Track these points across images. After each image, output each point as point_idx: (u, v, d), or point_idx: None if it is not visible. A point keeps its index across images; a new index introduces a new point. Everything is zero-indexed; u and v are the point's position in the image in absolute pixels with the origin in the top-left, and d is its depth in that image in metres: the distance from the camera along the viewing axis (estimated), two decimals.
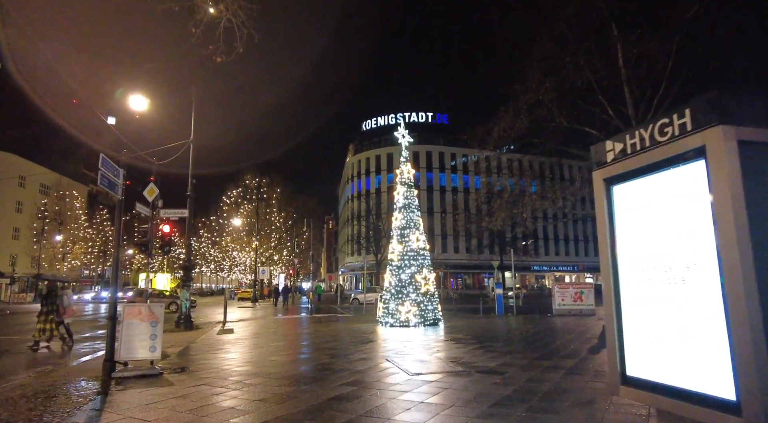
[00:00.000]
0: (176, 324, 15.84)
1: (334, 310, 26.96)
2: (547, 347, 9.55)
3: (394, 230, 15.47)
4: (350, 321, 17.96)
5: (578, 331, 12.63)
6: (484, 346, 9.85)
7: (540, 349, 9.23)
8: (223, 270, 78.51)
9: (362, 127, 71.29)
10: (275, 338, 12.30)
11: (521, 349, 9.38)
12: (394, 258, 15.12)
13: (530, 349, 9.25)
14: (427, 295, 14.85)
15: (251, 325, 16.76)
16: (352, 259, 69.39)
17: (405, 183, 15.79)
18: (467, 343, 10.40)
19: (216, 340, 12.16)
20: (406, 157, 16.12)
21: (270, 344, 10.91)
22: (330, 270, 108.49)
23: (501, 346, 9.80)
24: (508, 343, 10.30)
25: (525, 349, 9.26)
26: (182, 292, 16.43)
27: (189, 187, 17.06)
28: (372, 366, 7.60)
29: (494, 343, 10.22)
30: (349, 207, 70.25)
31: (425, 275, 14.96)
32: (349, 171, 73.86)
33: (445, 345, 10.14)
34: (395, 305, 14.52)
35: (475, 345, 9.99)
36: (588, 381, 6.22)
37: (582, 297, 21.14)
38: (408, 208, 15.47)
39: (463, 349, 9.34)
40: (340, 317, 20.45)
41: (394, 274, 14.88)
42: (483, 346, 9.74)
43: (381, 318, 15.34)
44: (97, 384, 6.58)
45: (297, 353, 9.39)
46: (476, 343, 10.25)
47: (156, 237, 11.80)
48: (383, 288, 15.64)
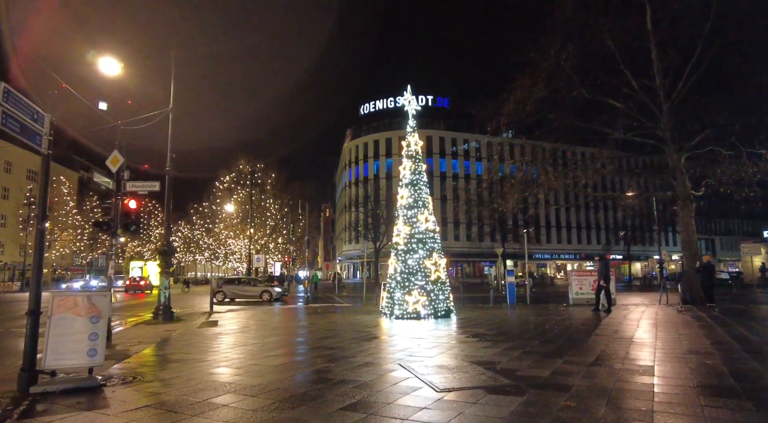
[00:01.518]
0: (154, 315, 14.06)
1: (332, 299, 25.20)
2: (597, 347, 7.76)
3: (399, 210, 13.61)
4: (349, 312, 16.18)
5: (616, 323, 10.87)
6: (517, 344, 8.05)
7: (590, 351, 7.45)
8: (218, 258, 76.70)
9: (360, 111, 69.08)
10: (263, 334, 10.49)
11: (566, 348, 7.58)
12: (399, 241, 13.28)
13: (578, 350, 7.46)
14: (438, 283, 13.04)
15: (240, 317, 14.97)
16: (350, 247, 67.63)
17: (412, 156, 13.90)
18: (494, 340, 8.60)
19: (194, 335, 10.35)
20: (413, 127, 14.21)
21: (256, 342, 9.10)
22: (327, 258, 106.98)
23: (538, 345, 8.00)
24: (544, 340, 8.50)
25: (571, 349, 7.46)
26: (161, 279, 14.60)
27: (168, 162, 15.15)
28: (382, 375, 5.79)
29: (528, 341, 8.43)
30: (347, 194, 68.33)
31: (435, 260, 13.14)
32: (346, 157, 71.80)
33: (468, 343, 8.35)
34: (401, 295, 12.71)
35: (506, 343, 8.20)
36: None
37: None
38: (416, 185, 13.59)
39: (493, 350, 7.54)
40: (338, 307, 18.68)
41: (400, 260, 13.05)
42: (516, 345, 7.95)
43: (385, 309, 13.54)
44: (4, 404, 4.75)
45: (287, 354, 7.57)
46: (505, 341, 8.46)
47: (122, 214, 9.91)
48: (387, 275, 13.82)
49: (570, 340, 8.42)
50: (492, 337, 9.07)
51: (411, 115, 14.32)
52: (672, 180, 19.39)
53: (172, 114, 15.18)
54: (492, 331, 10.13)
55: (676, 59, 17.95)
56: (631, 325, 10.67)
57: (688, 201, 19.08)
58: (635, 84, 19.11)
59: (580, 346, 7.82)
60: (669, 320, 11.67)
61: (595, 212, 79.75)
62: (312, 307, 19.22)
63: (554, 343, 8.16)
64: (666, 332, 9.41)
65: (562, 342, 8.25)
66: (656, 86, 18.99)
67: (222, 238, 60.48)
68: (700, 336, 8.87)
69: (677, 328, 10.00)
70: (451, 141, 67.23)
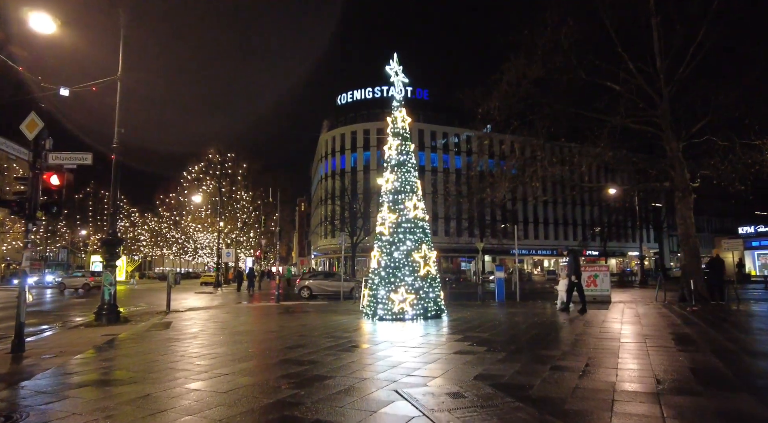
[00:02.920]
0: (97, 316, 11.98)
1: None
2: (639, 359, 6.21)
3: (384, 195, 11.87)
4: (325, 312, 14.37)
5: (638, 324, 9.43)
6: (537, 357, 6.44)
7: (634, 362, 5.88)
8: (186, 253, 73.58)
9: (337, 101, 66.83)
10: (220, 340, 8.62)
11: (598, 364, 5.98)
12: (384, 231, 11.55)
13: (610, 363, 5.88)
14: (428, 279, 11.37)
15: (200, 317, 13.00)
16: (326, 242, 65.56)
17: (398, 134, 12.15)
18: (505, 350, 6.98)
19: (135, 343, 8.40)
20: (400, 101, 12.46)
21: (207, 352, 7.24)
22: (302, 254, 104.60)
23: (561, 357, 6.40)
24: (568, 351, 6.91)
25: (601, 367, 5.88)
26: (105, 275, 12.50)
27: (115, 138, 13.03)
28: (374, 411, 4.04)
29: (547, 351, 6.83)
30: (323, 186, 66.15)
31: (425, 253, 11.46)
32: (322, 148, 69.52)
33: (476, 355, 6.68)
34: (386, 292, 10.99)
35: (521, 355, 6.59)
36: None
37: (596, 281, 18.09)
38: (403, 167, 11.87)
39: (511, 365, 5.90)
40: (312, 306, 16.85)
41: (385, 252, 11.32)
42: (536, 358, 6.34)
43: (366, 309, 11.80)
44: None
45: (243, 373, 5.75)
46: (519, 351, 6.86)
47: (42, 192, 7.87)
48: (369, 270, 12.07)
49: (597, 350, 6.85)
50: (501, 345, 7.43)
51: (398, 88, 12.57)
52: (670, 170, 18.24)
53: (121, 83, 13.05)
54: (497, 336, 8.51)
55: (679, 39, 16.70)
56: (658, 330, 9.22)
57: (687, 192, 17.96)
58: (633, 67, 17.84)
59: (611, 357, 6.25)
60: (705, 322, 10.29)
61: (572, 208, 79.82)
62: (284, 305, 17.33)
63: (581, 354, 6.57)
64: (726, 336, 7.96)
65: (590, 353, 6.67)
66: (656, 70, 17.78)
67: (191, 231, 57.69)
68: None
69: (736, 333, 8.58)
70: (431, 134, 65.75)
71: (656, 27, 17.46)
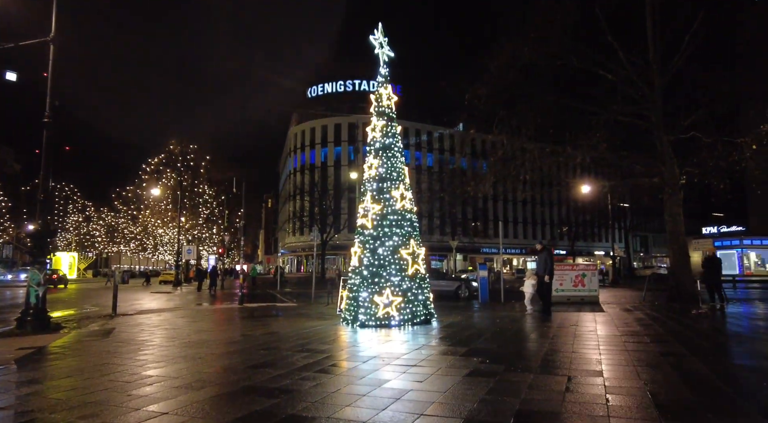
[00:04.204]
0: (19, 323, 9.99)
1: (273, 297, 21.55)
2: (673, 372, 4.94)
3: (367, 183, 10.34)
4: (296, 316, 12.72)
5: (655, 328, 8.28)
6: (579, 381, 5.07)
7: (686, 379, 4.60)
8: (146, 250, 69.83)
9: (307, 94, 64.77)
10: (167, 355, 6.91)
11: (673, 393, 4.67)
12: (367, 223, 10.02)
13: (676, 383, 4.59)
14: (417, 280, 9.93)
15: (151, 322, 11.14)
16: (294, 239, 63.44)
17: (384, 114, 10.65)
18: (530, 370, 5.59)
19: (57, 358, 6.58)
20: (386, 76, 10.95)
21: (145, 374, 5.57)
22: (269, 252, 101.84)
23: (608, 379, 5.05)
24: (608, 369, 5.59)
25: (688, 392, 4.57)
26: (31, 273, 10.48)
27: (47, 110, 11.00)
28: None
29: (587, 374, 5.48)
30: (292, 181, 63.92)
31: (413, 249, 10.02)
32: (291, 142, 67.25)
33: (495, 377, 5.26)
34: (369, 294, 9.48)
35: (555, 376, 5.20)
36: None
37: (584, 281, 17.16)
38: (389, 150, 10.37)
39: (550, 392, 4.50)
40: (280, 309, 15.15)
41: (368, 248, 9.80)
42: (578, 381, 4.97)
43: (345, 313, 10.23)
44: None
45: (184, 414, 4.13)
46: (548, 371, 5.48)
47: None
48: (349, 269, 10.52)
49: (646, 364, 5.56)
50: (520, 361, 6.05)
51: (382, 61, 11.05)
52: (660, 165, 17.48)
53: (53, 45, 11.02)
54: (507, 348, 7.13)
55: (679, 23, 15.88)
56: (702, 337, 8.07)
57: (677, 188, 17.26)
58: (624, 58, 16.96)
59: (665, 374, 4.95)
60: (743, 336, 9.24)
61: (541, 207, 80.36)
62: (248, 308, 15.56)
63: (633, 378, 5.25)
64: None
65: (636, 369, 5.37)
66: (648, 61, 16.96)
67: (150, 226, 54.45)
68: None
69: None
70: (403, 131, 64.57)
71: (650, 14, 16.64)
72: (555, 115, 17.15)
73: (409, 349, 7.03)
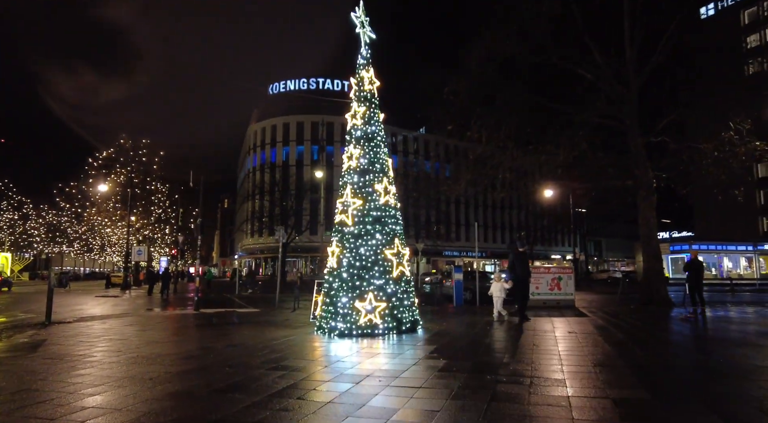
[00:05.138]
0: None
1: (231, 301, 20.01)
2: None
3: (347, 175, 9.27)
4: (260, 323, 11.45)
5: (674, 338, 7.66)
6: (617, 402, 4.23)
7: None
8: (91, 250, 65.46)
9: (269, 90, 62.69)
10: (109, 375, 5.61)
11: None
12: (347, 220, 8.95)
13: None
14: (402, 283, 8.94)
15: (92, 331, 9.61)
16: (252, 240, 61.11)
17: (365, 99, 9.63)
18: (559, 384, 4.71)
19: None
20: (367, 58, 9.94)
21: (78, 405, 4.31)
22: (224, 254, 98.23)
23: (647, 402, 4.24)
24: (642, 382, 4.79)
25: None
26: None
27: None
28: None
29: (620, 386, 4.66)
30: (251, 180, 61.53)
31: (398, 249, 9.04)
32: (251, 140, 64.86)
33: (518, 403, 4.34)
34: (349, 299, 8.41)
35: (589, 388, 4.34)
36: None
37: (560, 284, 16.78)
38: (371, 140, 9.36)
39: (596, 413, 3.62)
40: (242, 316, 13.79)
41: (348, 247, 8.72)
42: (614, 404, 4.13)
43: (321, 320, 9.09)
44: None
45: None
46: (585, 386, 4.62)
47: None
48: (325, 271, 9.39)
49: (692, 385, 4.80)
50: (541, 381, 5.17)
51: (363, 42, 10.04)
52: (634, 168, 17.34)
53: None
54: (522, 363, 6.25)
55: (659, 23, 15.74)
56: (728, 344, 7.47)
57: (651, 191, 17.17)
58: (600, 59, 16.73)
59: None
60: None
61: (500, 211, 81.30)
62: (205, 314, 14.10)
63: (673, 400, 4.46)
64: None
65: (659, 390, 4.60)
66: (625, 61, 16.79)
67: (96, 226, 50.86)
68: None
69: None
70: None
71: (628, 14, 16.47)
72: (533, 114, 16.65)
73: (404, 365, 6.03)
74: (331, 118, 57.32)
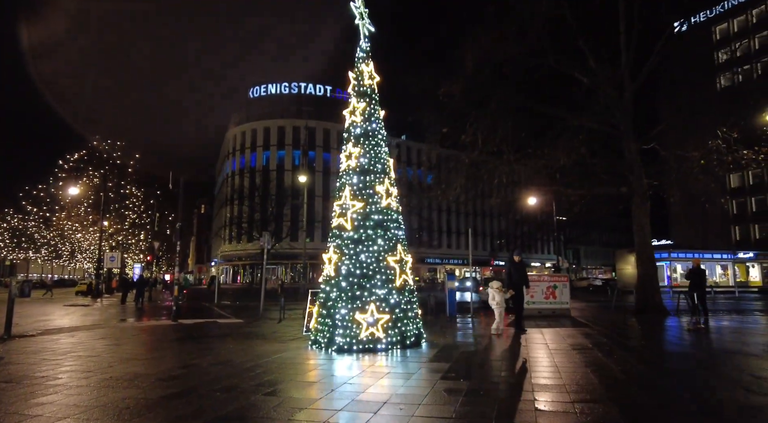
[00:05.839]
0: None
1: (210, 311, 18.95)
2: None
3: (345, 176, 8.56)
4: (248, 336, 10.55)
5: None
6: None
7: None
8: (61, 257, 62.73)
9: (249, 94, 61.48)
10: (74, 404, 4.74)
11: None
12: (345, 224, 8.21)
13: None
14: (405, 293, 8.23)
15: (58, 346, 8.58)
16: (230, 247, 59.52)
17: (365, 94, 8.95)
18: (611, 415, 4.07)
19: None
20: (367, 52, 9.28)
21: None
22: (200, 261, 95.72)
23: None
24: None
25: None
26: None
27: None
28: None
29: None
30: (230, 184, 60.06)
31: (401, 256, 8.34)
32: (230, 144, 63.42)
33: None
34: (348, 311, 7.65)
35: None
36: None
37: (555, 293, 16.31)
38: (372, 138, 8.67)
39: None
40: (225, 327, 12.83)
41: (347, 254, 7.98)
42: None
43: (317, 334, 8.28)
44: None
45: None
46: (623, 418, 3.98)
47: None
48: (321, 279, 8.60)
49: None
50: (588, 407, 4.52)
51: (363, 34, 9.37)
52: (628, 174, 17.08)
53: None
54: (570, 383, 5.59)
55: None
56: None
57: (645, 198, 16.92)
58: (594, 64, 16.46)
59: None
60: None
61: (482, 219, 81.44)
62: (184, 325, 13.10)
63: None
64: None
65: None
66: (620, 65, 16.56)
67: (66, 231, 48.61)
68: None
69: None
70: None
71: (623, 17, 16.26)
72: (529, 117, 16.25)
73: (422, 389, 5.31)
74: (313, 123, 56.48)
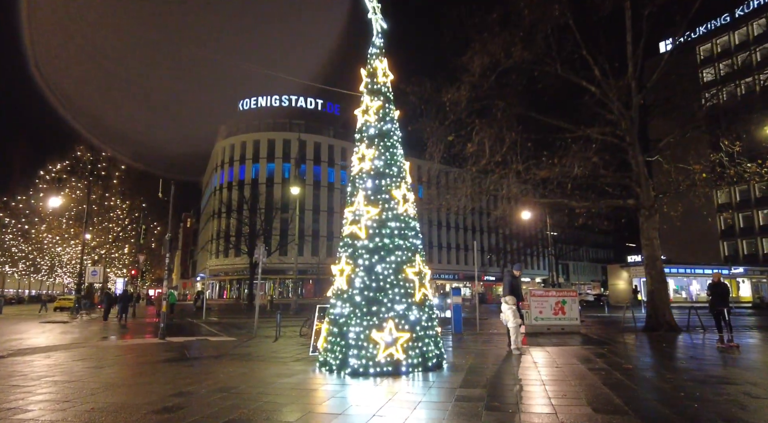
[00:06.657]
0: None
1: (198, 328, 17.88)
2: None
3: (358, 180, 7.79)
4: (244, 357, 9.62)
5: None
6: None
7: None
8: (39, 272, 60.45)
9: (239, 106, 60.68)
10: None
11: None
12: (359, 233, 7.42)
13: None
14: (425, 308, 7.44)
15: (31, 370, 7.58)
16: (217, 261, 58.01)
17: (379, 92, 8.26)
18: None
19: None
20: (380, 48, 8.62)
21: None
22: (185, 276, 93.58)
23: None
24: None
25: None
26: None
27: None
28: None
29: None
30: (217, 197, 58.78)
31: (419, 268, 7.56)
32: (218, 157, 62.30)
33: None
34: (363, 329, 6.83)
35: None
36: None
37: (564, 308, 15.62)
38: (387, 138, 7.95)
39: None
40: (217, 346, 11.85)
41: (362, 264, 7.18)
42: None
43: (327, 355, 7.41)
44: None
45: None
46: None
47: None
48: (331, 293, 7.76)
49: None
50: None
51: (376, 30, 8.73)
52: (635, 186, 16.64)
53: None
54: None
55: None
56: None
57: (653, 210, 16.47)
58: (599, 75, 16.10)
59: None
60: None
61: (472, 233, 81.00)
62: (173, 343, 12.08)
63: None
64: None
65: None
66: (626, 76, 16.23)
67: (46, 243, 46.80)
68: None
69: None
70: (341, 150, 62.13)
71: (630, 28, 15.98)
72: (536, 127, 15.79)
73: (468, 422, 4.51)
74: (304, 136, 55.83)
